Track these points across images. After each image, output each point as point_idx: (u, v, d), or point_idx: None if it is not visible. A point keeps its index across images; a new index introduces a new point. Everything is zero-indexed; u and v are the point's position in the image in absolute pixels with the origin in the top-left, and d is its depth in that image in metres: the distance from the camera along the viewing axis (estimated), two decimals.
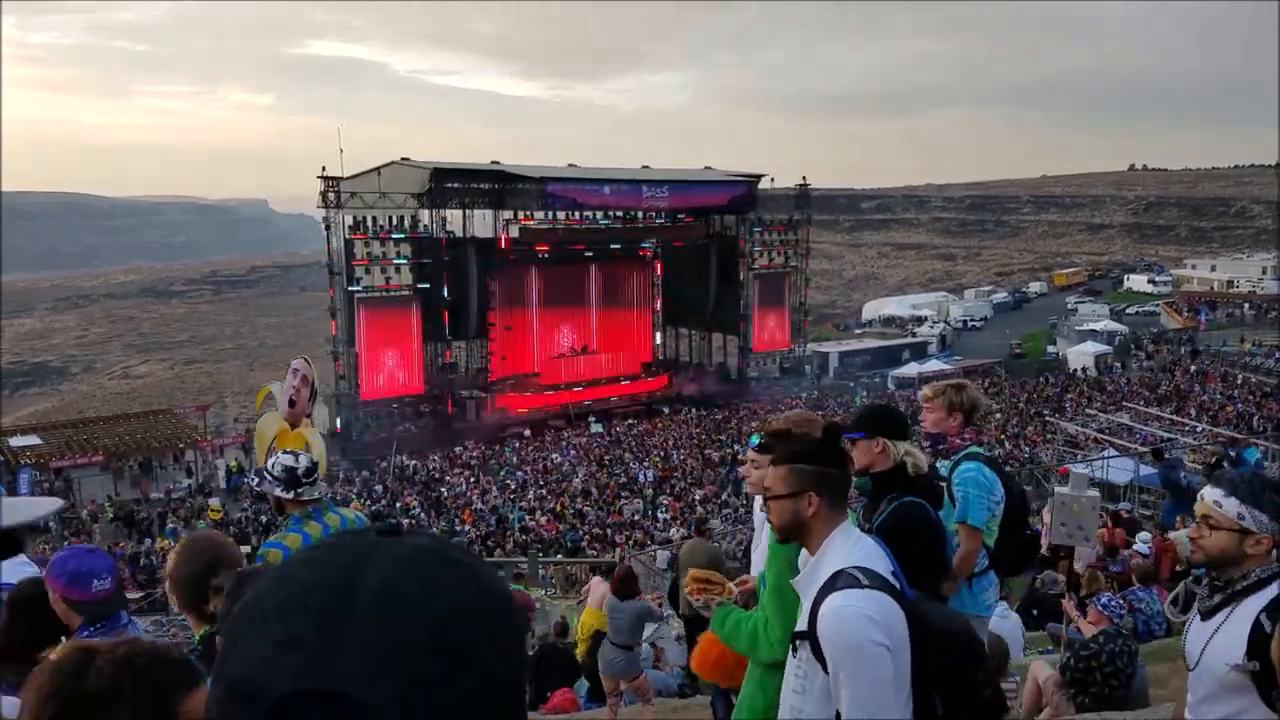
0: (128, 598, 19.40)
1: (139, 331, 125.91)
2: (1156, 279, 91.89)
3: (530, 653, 9.18)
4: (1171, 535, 9.27)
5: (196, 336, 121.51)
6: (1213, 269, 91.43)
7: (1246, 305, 70.99)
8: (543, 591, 12.37)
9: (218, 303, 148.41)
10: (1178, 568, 8.85)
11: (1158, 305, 76.42)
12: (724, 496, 31.36)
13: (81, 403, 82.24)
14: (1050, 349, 63.58)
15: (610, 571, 9.06)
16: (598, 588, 9.42)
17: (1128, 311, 76.24)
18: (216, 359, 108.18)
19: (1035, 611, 8.52)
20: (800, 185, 57.40)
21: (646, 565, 16.41)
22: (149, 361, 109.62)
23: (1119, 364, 54.81)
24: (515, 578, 11.90)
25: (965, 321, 79.10)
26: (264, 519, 30.69)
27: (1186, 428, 33.05)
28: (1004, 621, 7.21)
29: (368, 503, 32.55)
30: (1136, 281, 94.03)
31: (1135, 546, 9.78)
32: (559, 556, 21.78)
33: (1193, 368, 49.25)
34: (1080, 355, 55.72)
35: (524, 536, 26.63)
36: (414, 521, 29.43)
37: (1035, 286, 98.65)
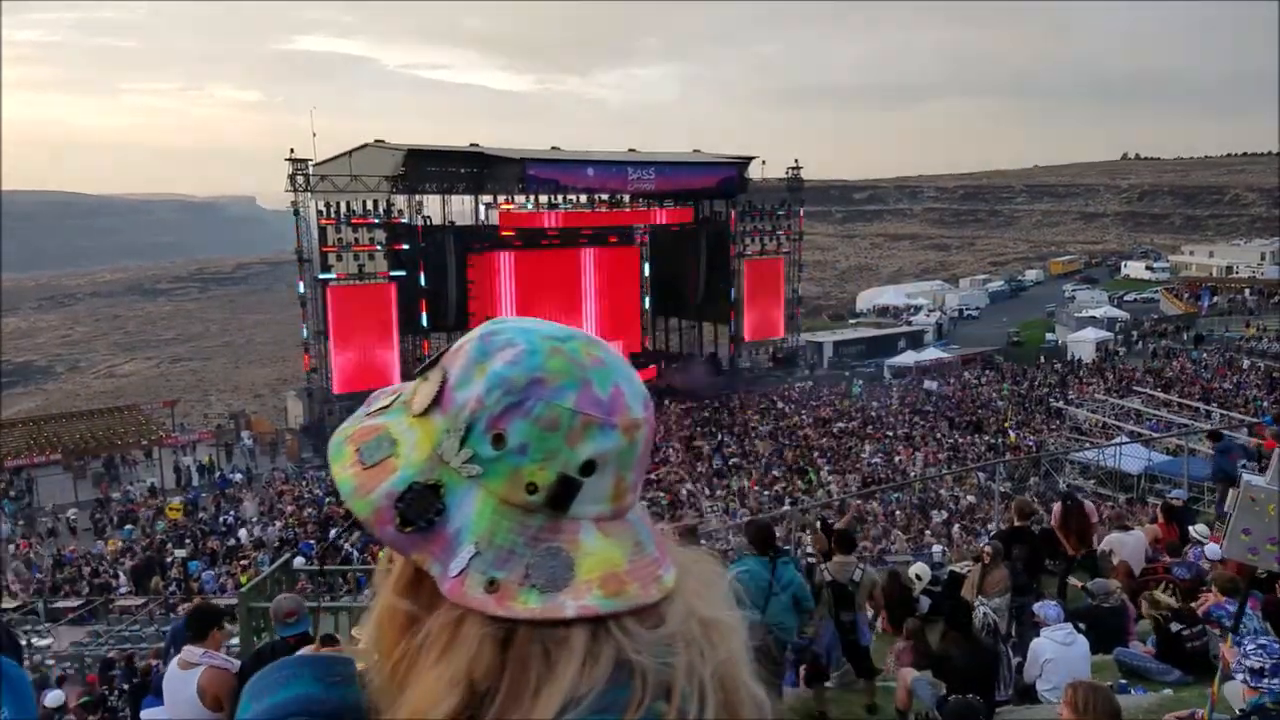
0: (67, 606, 17.62)
1: (124, 330, 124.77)
2: (1154, 265, 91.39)
3: None
4: None
5: (182, 334, 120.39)
6: (1210, 255, 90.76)
7: (1248, 290, 69.83)
8: None
9: (204, 300, 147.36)
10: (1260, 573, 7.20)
11: (1157, 291, 75.43)
12: (715, 491, 29.85)
13: (66, 402, 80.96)
14: (1049, 336, 62.37)
15: None
16: None
17: (1126, 298, 75.24)
18: (203, 357, 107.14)
19: (1083, 626, 6.94)
20: (792, 169, 55.82)
21: None
22: (134, 360, 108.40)
23: (1122, 349, 53.56)
24: None
25: (961, 310, 78.04)
26: (225, 520, 29.10)
27: (1198, 413, 31.77)
28: (1069, 649, 5.63)
29: (340, 499, 30.94)
30: (1134, 268, 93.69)
31: (1205, 547, 8.14)
32: None
33: (1201, 354, 48.09)
34: (1080, 342, 54.44)
35: None
36: None
37: (1032, 275, 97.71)
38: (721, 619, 0.86)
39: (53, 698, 9.87)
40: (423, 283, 43.08)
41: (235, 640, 8.65)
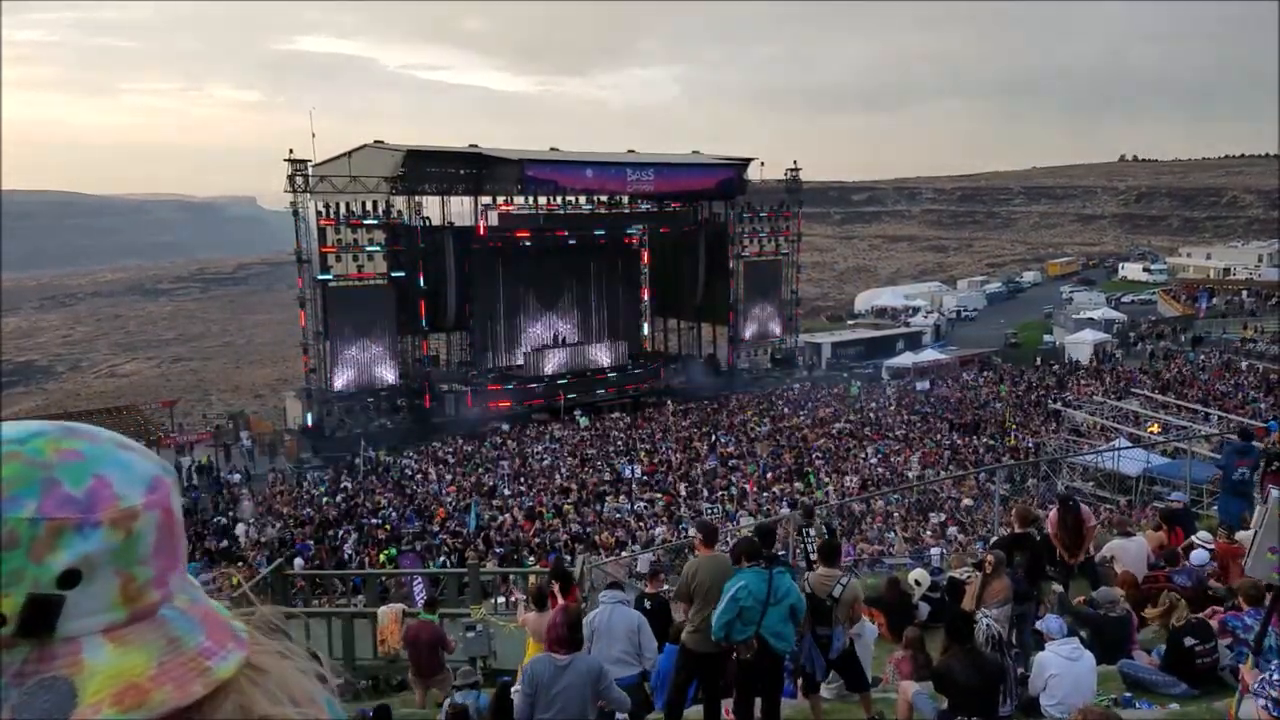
0: None
1: (125, 330, 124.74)
2: (1152, 267, 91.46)
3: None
4: (1242, 536, 7.58)
5: (183, 335, 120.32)
6: (1208, 257, 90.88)
7: (1245, 292, 69.86)
8: (485, 611, 10.65)
9: (205, 301, 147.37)
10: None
11: (1154, 293, 75.43)
12: (716, 494, 29.73)
13: (66, 402, 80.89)
14: (1047, 338, 62.31)
15: (541, 596, 6.94)
16: (533, 625, 6.91)
17: (1124, 300, 75.23)
18: (204, 357, 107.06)
19: (1085, 635, 6.86)
20: (791, 171, 55.81)
21: (616, 572, 14.68)
22: (135, 360, 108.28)
23: (1120, 351, 53.53)
24: (427, 605, 10.10)
25: (959, 311, 77.89)
26: (221, 521, 29.04)
27: (1199, 415, 31.72)
28: (1076, 664, 5.56)
29: (338, 499, 30.91)
30: (1131, 270, 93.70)
31: (1193, 553, 8.04)
32: (489, 565, 20.04)
33: (1199, 356, 48.15)
34: (1078, 344, 54.43)
35: (484, 539, 24.87)
36: (386, 525, 27.77)
37: (1029, 276, 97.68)
38: (288, 717, 0.77)
39: None
40: (422, 284, 43.04)
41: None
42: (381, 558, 23.27)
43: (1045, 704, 5.93)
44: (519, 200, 46.32)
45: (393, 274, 42.05)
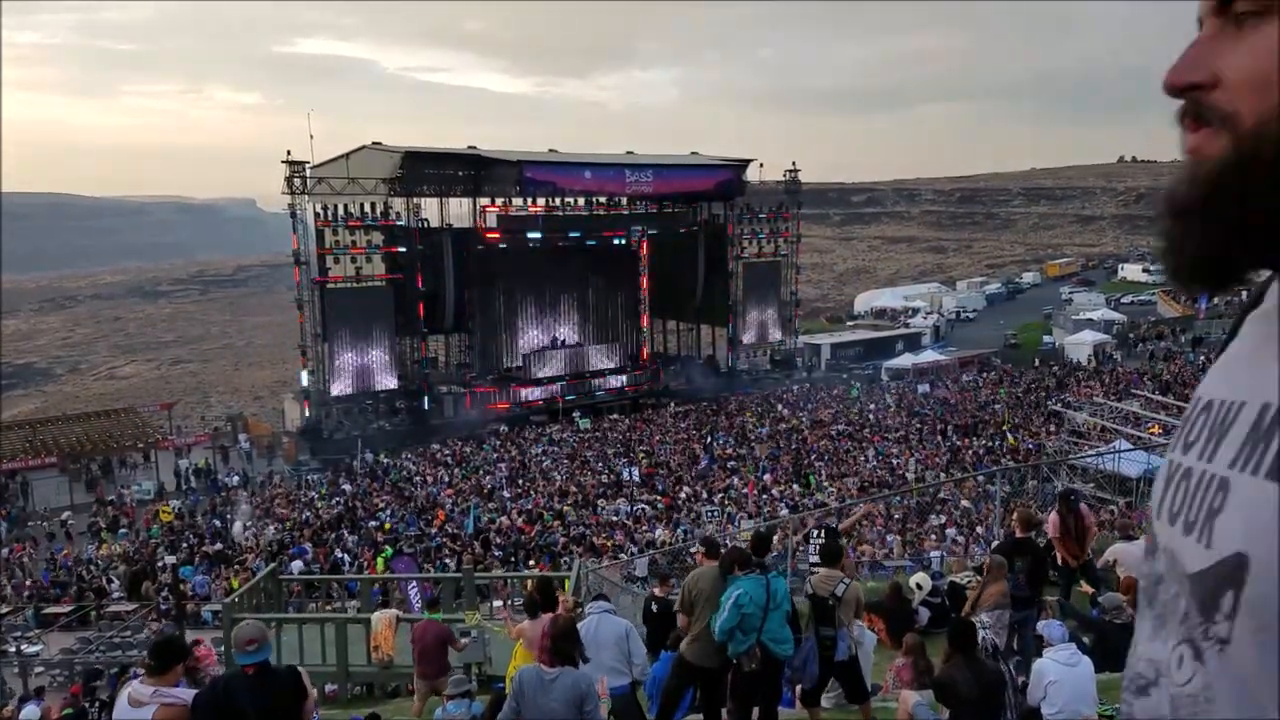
0: (58, 611, 17.42)
1: (125, 332, 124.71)
2: (1151, 268, 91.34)
3: None
4: None
5: (183, 336, 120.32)
6: None
7: (1245, 293, 69.74)
8: (480, 617, 10.53)
9: (204, 303, 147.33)
10: None
11: (1154, 294, 75.33)
12: (716, 497, 29.60)
13: (66, 404, 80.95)
14: (1046, 339, 62.25)
15: (533, 604, 6.78)
16: (529, 633, 6.65)
17: (1123, 301, 75.21)
18: (203, 359, 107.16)
19: (1086, 640, 6.76)
20: (790, 172, 55.70)
21: (612, 575, 14.54)
22: (135, 362, 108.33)
23: (1118, 353, 53.48)
24: (430, 604, 9.96)
25: (959, 312, 77.84)
26: (218, 523, 28.94)
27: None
28: (1074, 669, 5.46)
29: (333, 501, 30.81)
30: (1131, 271, 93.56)
31: None
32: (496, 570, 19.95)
33: (1199, 356, 48.08)
34: (1078, 345, 54.36)
35: (482, 541, 24.74)
36: (386, 525, 27.66)
37: (1029, 277, 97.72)
38: None
39: (28, 713, 9.64)
40: (420, 285, 42.94)
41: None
42: (379, 562, 23.12)
43: (1047, 713, 5.81)
44: (518, 202, 46.24)
45: (391, 276, 41.97)
